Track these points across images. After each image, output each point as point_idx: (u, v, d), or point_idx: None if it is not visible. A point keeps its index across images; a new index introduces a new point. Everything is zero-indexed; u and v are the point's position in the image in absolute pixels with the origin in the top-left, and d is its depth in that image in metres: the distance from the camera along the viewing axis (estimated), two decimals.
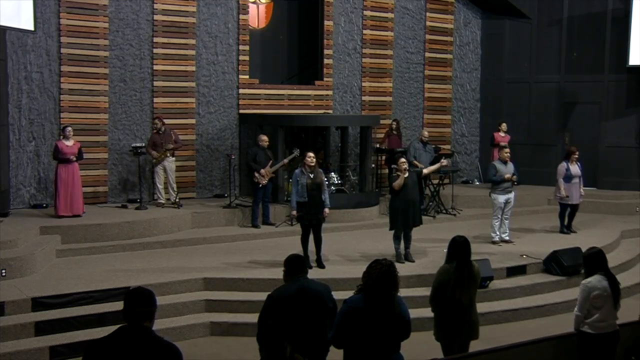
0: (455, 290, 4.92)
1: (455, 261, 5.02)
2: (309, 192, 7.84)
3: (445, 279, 4.97)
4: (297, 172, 8.01)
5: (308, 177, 7.89)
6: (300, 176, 7.90)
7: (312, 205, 7.88)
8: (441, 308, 5.02)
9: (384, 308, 4.02)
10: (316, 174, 7.97)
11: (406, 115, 13.34)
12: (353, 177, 11.61)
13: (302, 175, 7.91)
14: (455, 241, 5.12)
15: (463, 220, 11.36)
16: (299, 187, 7.86)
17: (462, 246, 5.05)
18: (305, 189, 7.84)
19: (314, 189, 7.89)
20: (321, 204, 7.99)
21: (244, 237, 9.80)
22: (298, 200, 7.90)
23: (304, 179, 7.88)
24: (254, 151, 10.24)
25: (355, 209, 10.88)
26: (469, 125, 14.19)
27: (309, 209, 7.88)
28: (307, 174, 7.90)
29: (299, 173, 7.93)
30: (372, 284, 4.00)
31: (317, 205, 7.93)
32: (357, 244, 9.48)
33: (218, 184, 11.78)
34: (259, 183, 10.07)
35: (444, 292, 4.96)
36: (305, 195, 7.83)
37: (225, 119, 11.76)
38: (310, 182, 7.88)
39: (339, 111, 12.66)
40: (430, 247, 9.31)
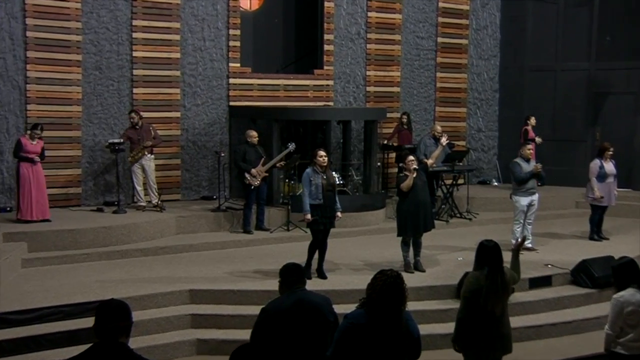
0: (488, 301, 4.93)
1: (486, 268, 5.01)
2: (325, 193, 7.88)
3: (477, 288, 4.98)
4: (308, 171, 8.01)
5: (322, 177, 7.91)
6: (314, 176, 7.90)
7: (327, 208, 7.90)
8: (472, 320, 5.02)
9: (390, 325, 4.00)
10: (329, 174, 8.03)
11: (416, 108, 13.35)
12: (356, 177, 11.63)
13: (316, 174, 7.91)
14: (485, 246, 5.12)
15: (479, 225, 11.36)
16: (313, 188, 7.87)
17: (492, 251, 5.07)
18: (320, 189, 7.87)
19: (329, 190, 7.91)
20: (334, 206, 8.02)
21: (235, 244, 9.81)
22: (312, 203, 7.89)
23: (318, 178, 7.88)
24: (243, 149, 10.24)
25: (358, 212, 10.89)
26: (486, 119, 14.19)
27: (324, 212, 7.89)
28: (320, 173, 7.92)
29: (312, 172, 7.94)
30: (375, 297, 3.98)
31: (332, 208, 7.96)
32: (361, 252, 9.48)
33: (206, 185, 11.79)
34: (251, 184, 10.07)
35: (475, 303, 4.97)
36: (320, 197, 7.86)
37: (214, 112, 11.77)
38: (326, 183, 7.90)
39: (341, 103, 12.67)
40: (443, 255, 9.28)
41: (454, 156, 11.55)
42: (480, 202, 12.26)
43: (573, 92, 13.76)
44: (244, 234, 10.15)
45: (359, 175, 11.72)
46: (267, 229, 10.34)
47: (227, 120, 11.83)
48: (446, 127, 13.00)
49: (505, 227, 10.57)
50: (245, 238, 10.00)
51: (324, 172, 7.94)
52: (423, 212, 8.26)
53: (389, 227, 10.42)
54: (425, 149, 11.37)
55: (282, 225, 10.45)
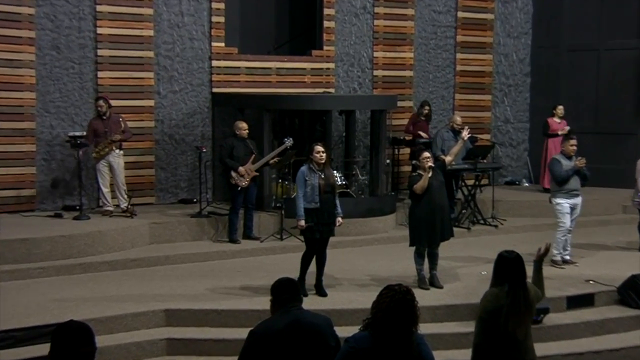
0: (509, 322, 4.93)
1: (506, 284, 5.04)
2: (322, 195, 7.91)
3: (496, 307, 4.98)
4: (303, 169, 8.04)
5: (319, 176, 7.95)
6: (310, 175, 7.94)
7: (324, 213, 7.93)
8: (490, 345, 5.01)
9: (398, 349, 3.97)
10: (328, 173, 8.04)
11: (432, 96, 13.38)
12: (362, 177, 11.66)
13: (312, 173, 7.95)
14: (504, 258, 5.12)
15: (507, 233, 11.37)
16: (309, 189, 7.91)
17: (514, 264, 5.06)
18: (317, 191, 7.90)
19: (328, 192, 7.94)
20: (334, 210, 8.05)
21: (219, 255, 9.83)
22: (307, 207, 7.94)
23: (314, 178, 7.92)
24: (230, 143, 10.27)
25: (364, 218, 10.92)
26: (515, 108, 14.23)
27: (321, 217, 7.93)
28: (317, 172, 7.96)
29: (307, 171, 7.97)
30: (381, 317, 3.97)
31: (331, 212, 7.98)
32: (367, 264, 9.50)
33: (184, 186, 11.83)
34: (238, 185, 10.10)
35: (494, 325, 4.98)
36: (317, 200, 7.91)
37: (194, 100, 11.81)
38: (324, 183, 7.92)
39: (344, 90, 12.70)
40: (463, 268, 9.30)
41: (477, 152, 11.58)
42: (507, 206, 12.26)
43: (620, 76, 13.75)
44: (230, 244, 10.17)
45: (365, 174, 11.75)
46: (257, 238, 10.36)
47: (209, 110, 11.85)
48: (467, 117, 13.03)
49: (538, 235, 10.59)
50: (231, 248, 10.02)
51: (321, 171, 7.97)
52: (440, 218, 8.27)
53: (400, 236, 10.42)
54: (443, 143, 11.39)
55: (274, 234, 10.47)
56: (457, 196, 11.67)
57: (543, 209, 11.54)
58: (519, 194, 13.05)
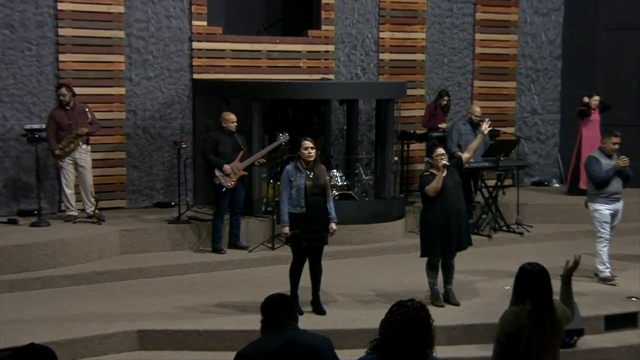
0: (532, 347, 4.93)
1: (529, 302, 5.02)
2: (309, 198, 7.92)
3: (517, 329, 4.99)
4: (289, 168, 8.07)
5: (307, 176, 7.95)
6: (295, 174, 7.97)
7: (312, 218, 7.95)
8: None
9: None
10: (318, 172, 8.05)
11: (447, 83, 13.35)
12: (365, 177, 11.66)
13: (298, 173, 7.97)
14: (527, 271, 5.13)
15: (533, 242, 11.36)
16: (294, 191, 7.95)
17: (538, 279, 5.06)
18: (303, 193, 7.91)
19: (316, 194, 7.98)
20: (325, 216, 8.05)
21: (201, 267, 9.83)
22: (292, 212, 7.97)
23: (300, 178, 7.94)
24: (215, 138, 10.26)
25: (368, 224, 10.91)
26: (544, 97, 14.19)
27: (308, 223, 7.95)
28: (304, 171, 7.96)
29: (292, 170, 8.00)
30: (392, 337, 3.99)
31: (320, 218, 8.01)
32: (372, 278, 9.50)
33: (161, 187, 11.81)
34: (223, 186, 10.09)
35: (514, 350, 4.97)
36: (302, 204, 7.92)
37: (172, 87, 11.77)
38: (311, 184, 7.94)
39: (345, 76, 12.66)
40: (483, 282, 9.30)
41: (499, 148, 11.53)
42: (534, 210, 12.24)
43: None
44: (214, 254, 10.16)
45: (369, 173, 11.73)
46: (245, 247, 10.36)
47: (189, 100, 11.82)
48: (488, 108, 12.99)
49: (570, 244, 10.56)
50: (215, 259, 10.00)
51: (310, 170, 7.97)
52: (456, 224, 8.27)
53: (410, 245, 10.39)
54: (460, 138, 11.37)
55: (264, 242, 10.45)
56: (475, 199, 11.63)
57: (576, 214, 11.52)
58: (547, 197, 13.00)
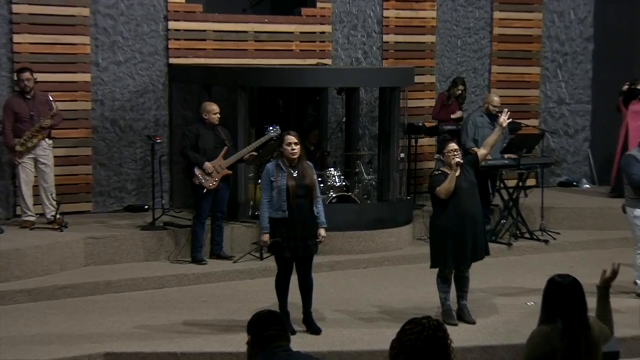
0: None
1: (560, 320, 5.03)
2: (293, 201, 7.95)
3: (548, 352, 4.96)
4: (269, 167, 8.10)
5: (290, 175, 7.97)
6: (276, 174, 7.99)
7: (296, 225, 7.98)
8: None
9: None
10: (303, 171, 8.06)
11: (461, 68, 13.36)
12: (367, 176, 11.63)
13: (280, 172, 7.99)
14: (558, 285, 5.08)
15: (561, 252, 11.37)
16: (275, 193, 7.97)
17: (570, 293, 5.02)
18: (285, 195, 7.94)
19: (301, 196, 8.00)
20: (312, 221, 8.07)
21: (178, 280, 9.82)
22: (273, 217, 8.00)
23: (282, 178, 7.96)
24: (195, 132, 10.25)
25: (371, 230, 10.91)
26: (572, 85, 14.19)
27: (292, 230, 7.98)
28: (287, 170, 7.99)
29: (273, 169, 8.03)
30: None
31: (306, 224, 8.03)
32: (375, 292, 9.50)
33: (133, 189, 11.81)
34: (204, 187, 10.11)
35: None
36: (284, 207, 7.96)
37: (146, 74, 11.77)
38: (294, 185, 7.96)
39: (344, 61, 12.67)
40: (503, 298, 9.29)
41: (521, 143, 11.55)
42: (562, 215, 12.25)
43: None
44: (193, 265, 10.16)
45: (372, 173, 11.73)
46: (229, 258, 10.37)
47: (165, 88, 11.81)
48: (509, 97, 12.98)
49: (603, 254, 10.53)
50: (194, 271, 9.99)
51: (294, 169, 8.00)
52: (471, 231, 8.27)
53: (419, 254, 10.39)
54: (476, 131, 11.38)
55: (252, 252, 10.44)
56: (494, 202, 11.64)
57: (611, 219, 11.55)
58: (577, 199, 12.98)
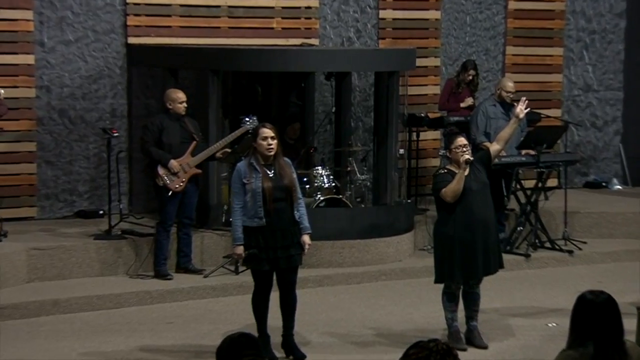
0: None
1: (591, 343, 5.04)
2: (270, 205, 7.96)
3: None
4: (240, 167, 8.12)
5: (265, 175, 7.99)
6: (249, 174, 8.02)
7: (276, 232, 8.01)
8: None
9: None
10: (279, 169, 8.08)
11: (470, 49, 13.43)
12: (361, 176, 11.67)
13: (253, 172, 8.01)
14: (589, 303, 5.07)
15: (587, 264, 11.45)
16: (249, 197, 8.00)
17: (603, 312, 5.04)
18: (261, 199, 7.96)
19: (280, 199, 8.04)
20: (294, 227, 8.10)
21: (139, 299, 9.85)
22: (247, 225, 8.02)
23: (256, 179, 7.99)
24: (158, 124, 10.29)
25: (365, 239, 10.94)
26: (601, 68, 14.26)
27: (271, 239, 8.01)
28: (261, 169, 8.01)
29: (245, 169, 8.05)
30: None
31: (287, 230, 8.07)
32: (371, 312, 9.53)
33: (85, 191, 11.83)
34: (169, 188, 10.13)
35: None
36: (261, 213, 7.97)
37: (100, 55, 11.79)
38: (271, 186, 7.98)
39: (333, 41, 12.71)
40: (519, 318, 9.33)
41: (541, 137, 11.55)
42: (589, 221, 12.31)
43: None
44: (156, 280, 10.19)
45: (366, 172, 11.77)
46: (199, 271, 10.41)
47: (123, 72, 11.84)
48: (526, 83, 13.03)
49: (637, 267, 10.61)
50: (158, 287, 10.02)
51: (270, 167, 8.01)
52: (483, 240, 8.29)
53: (421, 267, 10.44)
54: (487, 123, 11.39)
55: (225, 264, 10.47)
56: (509, 205, 11.65)
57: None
58: (607, 203, 13.03)
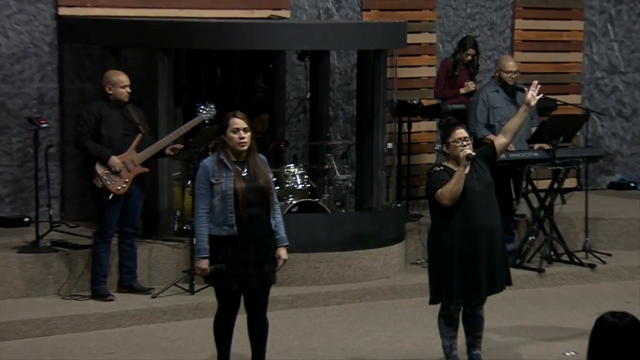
0: None
1: None
2: (242, 210, 8.01)
3: None
4: (207, 164, 8.15)
5: (237, 174, 8.03)
6: (218, 173, 8.06)
7: (249, 244, 8.05)
8: None
9: None
10: (254, 168, 8.13)
11: (472, 23, 13.56)
12: (342, 176, 11.78)
13: (223, 170, 8.05)
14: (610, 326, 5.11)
15: (613, 280, 11.58)
16: (217, 201, 8.09)
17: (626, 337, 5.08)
18: (232, 204, 8.01)
19: (254, 203, 8.11)
20: (269, 238, 8.15)
21: (73, 324, 9.88)
22: (215, 234, 8.08)
23: (227, 179, 8.03)
24: (97, 113, 10.32)
25: (346, 251, 11.02)
26: (629, 46, 14.42)
27: (242, 252, 8.04)
28: (231, 165, 8.05)
29: (213, 166, 8.08)
30: None
31: (261, 242, 8.12)
32: (354, 339, 9.59)
33: (7, 194, 11.92)
34: (109, 191, 10.16)
35: None
36: (231, 221, 8.04)
37: (24, 30, 11.85)
38: (244, 188, 8.02)
39: (307, 13, 12.82)
40: (531, 344, 9.42)
41: (557, 129, 11.60)
42: (615, 229, 12.44)
43: None
44: (94, 302, 10.22)
45: (347, 171, 11.88)
46: (145, 290, 10.47)
47: (54, 50, 11.89)
48: (539, 63, 13.22)
49: None
50: (95, 311, 10.04)
51: (242, 164, 8.06)
52: (486, 252, 8.32)
53: (414, 285, 10.56)
54: (490, 114, 11.47)
55: (177, 282, 10.51)
56: (518, 210, 11.72)
57: None
58: (636, 208, 13.14)
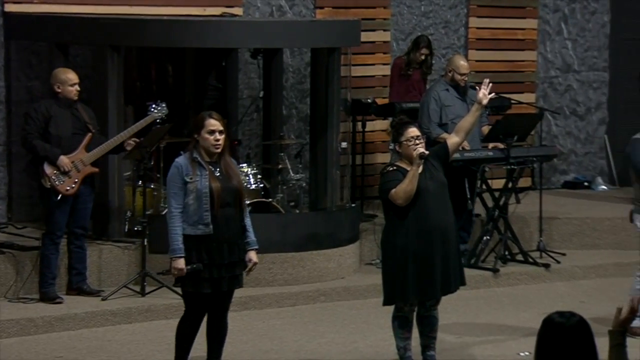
0: None
1: None
2: (216, 210, 8.04)
3: None
4: (181, 162, 8.12)
5: (212, 174, 8.05)
6: (193, 172, 8.07)
7: (222, 245, 8.08)
8: None
9: None
10: (226, 168, 8.16)
11: (427, 21, 13.53)
12: (295, 175, 11.77)
13: (197, 169, 8.07)
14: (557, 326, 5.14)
15: (568, 279, 11.64)
16: (191, 200, 8.11)
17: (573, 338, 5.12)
18: (207, 203, 8.05)
19: (228, 204, 8.16)
20: (241, 240, 8.19)
21: (20, 327, 9.83)
22: (190, 233, 8.10)
23: (202, 178, 8.04)
24: (44, 111, 10.26)
25: (300, 252, 11.04)
26: (583, 44, 14.42)
27: (217, 253, 8.08)
28: (206, 164, 8.07)
29: (187, 165, 8.07)
30: None
31: (234, 244, 8.19)
32: (307, 340, 9.62)
33: None
34: (58, 191, 10.10)
35: None
36: (207, 219, 8.08)
37: None
38: (219, 187, 8.04)
39: (260, 10, 12.81)
40: (485, 344, 9.45)
41: (511, 128, 11.62)
42: (569, 228, 12.51)
43: None
44: (42, 305, 10.17)
45: (301, 171, 11.88)
46: (95, 292, 10.41)
47: (0, 47, 11.83)
48: (493, 62, 13.26)
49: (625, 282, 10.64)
50: (44, 314, 9.98)
51: (215, 165, 8.07)
52: (441, 253, 8.34)
53: (368, 285, 10.53)
54: (442, 112, 11.44)
55: (128, 284, 10.45)
56: (472, 209, 11.70)
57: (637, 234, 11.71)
58: (590, 207, 13.22)
